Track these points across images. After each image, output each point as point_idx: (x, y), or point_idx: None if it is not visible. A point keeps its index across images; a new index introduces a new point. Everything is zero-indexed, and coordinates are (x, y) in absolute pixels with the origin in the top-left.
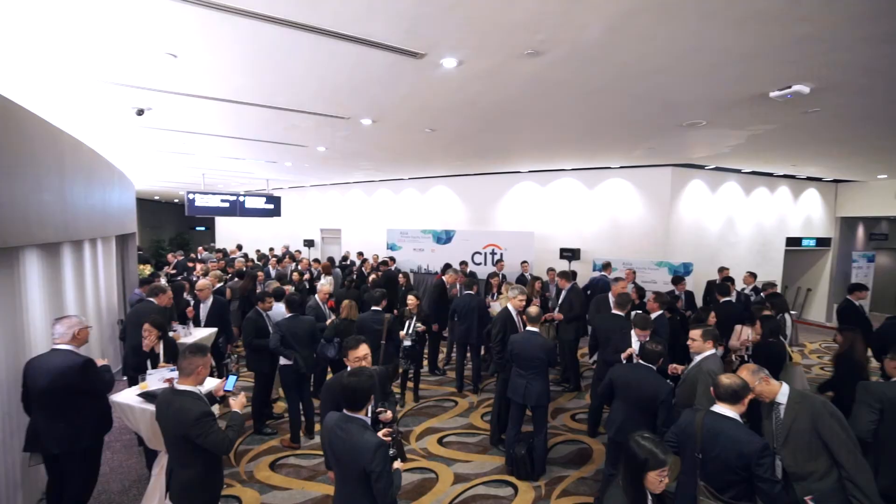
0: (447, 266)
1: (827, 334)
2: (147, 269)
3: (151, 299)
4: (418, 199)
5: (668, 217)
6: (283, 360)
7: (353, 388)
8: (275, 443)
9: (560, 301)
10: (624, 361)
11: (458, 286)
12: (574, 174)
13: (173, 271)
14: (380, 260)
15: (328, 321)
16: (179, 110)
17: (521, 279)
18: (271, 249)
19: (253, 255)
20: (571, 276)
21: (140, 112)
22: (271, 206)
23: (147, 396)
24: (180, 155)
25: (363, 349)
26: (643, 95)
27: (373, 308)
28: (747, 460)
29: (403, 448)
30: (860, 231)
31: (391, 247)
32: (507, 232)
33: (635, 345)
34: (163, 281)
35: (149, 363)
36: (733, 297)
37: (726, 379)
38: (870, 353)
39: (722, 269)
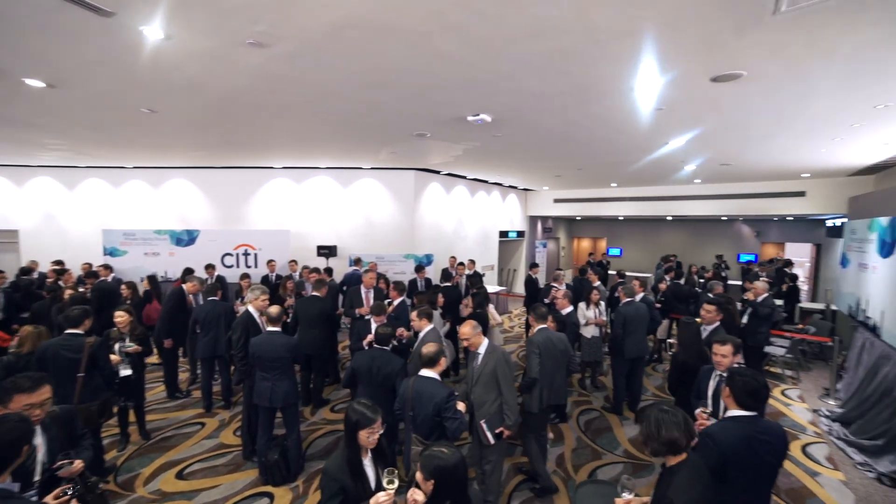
0: (188, 271)
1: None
2: None
3: None
4: (149, 194)
5: (412, 215)
6: None
7: None
8: None
9: None
10: (366, 347)
11: (190, 295)
12: (329, 172)
13: None
14: (90, 269)
15: None
16: None
17: (264, 280)
18: None
19: None
20: (327, 273)
21: None
22: None
23: None
24: None
25: (45, 392)
26: (374, 103)
27: (68, 331)
28: (439, 407)
29: None
30: (539, 226)
31: (111, 252)
32: (261, 231)
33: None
34: None
35: None
36: (463, 281)
37: (426, 349)
38: None
39: (452, 258)
